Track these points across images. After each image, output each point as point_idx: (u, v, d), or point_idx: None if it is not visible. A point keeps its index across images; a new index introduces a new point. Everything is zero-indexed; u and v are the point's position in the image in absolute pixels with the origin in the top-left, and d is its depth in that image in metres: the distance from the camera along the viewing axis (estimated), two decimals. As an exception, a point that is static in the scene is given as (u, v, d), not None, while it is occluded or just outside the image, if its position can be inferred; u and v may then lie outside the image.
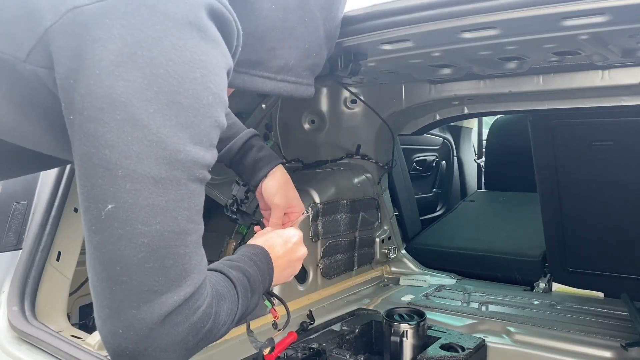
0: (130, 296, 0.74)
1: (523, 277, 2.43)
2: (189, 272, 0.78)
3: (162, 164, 0.73)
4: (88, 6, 0.71)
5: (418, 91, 2.24)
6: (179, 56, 0.72)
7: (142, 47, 0.70)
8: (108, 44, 0.70)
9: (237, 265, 1.00)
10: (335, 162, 2.53)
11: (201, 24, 0.75)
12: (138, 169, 0.72)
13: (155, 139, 0.72)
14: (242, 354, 1.62)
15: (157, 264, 0.74)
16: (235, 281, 0.94)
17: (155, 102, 0.71)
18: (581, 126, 2.02)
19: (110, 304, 0.75)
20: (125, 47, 0.70)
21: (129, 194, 0.72)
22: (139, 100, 0.70)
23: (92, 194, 0.73)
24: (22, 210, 1.64)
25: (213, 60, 0.77)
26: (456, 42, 1.30)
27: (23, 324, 1.50)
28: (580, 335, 1.79)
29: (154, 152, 0.72)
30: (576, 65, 1.65)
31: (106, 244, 0.74)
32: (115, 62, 0.70)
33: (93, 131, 0.71)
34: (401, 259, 2.67)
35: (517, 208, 3.00)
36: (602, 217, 2.08)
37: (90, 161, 0.72)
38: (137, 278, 0.74)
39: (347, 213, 2.36)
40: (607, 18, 1.08)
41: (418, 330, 1.65)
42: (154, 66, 0.71)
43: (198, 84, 0.74)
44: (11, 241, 1.61)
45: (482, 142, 4.08)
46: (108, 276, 0.74)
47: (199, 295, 0.80)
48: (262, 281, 1.05)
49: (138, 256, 0.73)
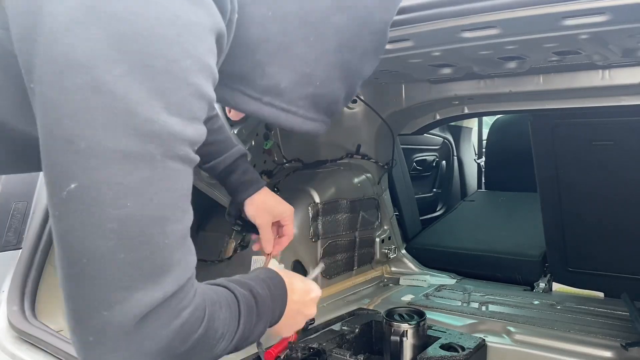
0: (100, 295, 0.64)
1: (523, 277, 2.43)
2: (169, 267, 0.67)
3: (132, 136, 0.61)
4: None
5: (418, 91, 2.24)
6: (147, 10, 0.61)
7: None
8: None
9: (245, 283, 0.89)
10: (335, 162, 2.53)
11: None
12: (103, 140, 0.61)
13: (122, 106, 0.61)
14: (242, 354, 1.62)
15: (130, 255, 0.63)
16: (240, 297, 0.83)
17: (121, 63, 0.60)
18: (581, 126, 2.02)
19: (78, 307, 0.65)
20: (85, 0, 0.60)
21: (93, 171, 0.61)
22: (103, 62, 0.60)
23: (53, 172, 0.63)
24: (22, 209, 1.64)
25: (193, 17, 0.65)
26: (456, 42, 1.30)
27: (23, 323, 1.50)
28: (581, 335, 1.79)
29: (122, 121, 0.61)
30: (576, 65, 1.65)
31: (70, 231, 0.63)
32: (74, 18, 0.60)
33: (53, 98, 0.61)
34: (401, 258, 2.67)
35: (517, 208, 3.00)
36: (602, 217, 2.08)
37: (50, 134, 0.62)
38: (108, 272, 0.63)
39: (347, 213, 2.36)
40: (608, 17, 1.08)
41: (418, 330, 1.65)
42: (117, 21, 0.60)
43: (173, 44, 0.63)
44: (11, 241, 1.61)
45: (482, 142, 4.08)
46: (74, 272, 0.64)
47: (183, 295, 0.69)
48: (273, 309, 0.93)
49: (107, 245, 0.62)
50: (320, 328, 1.84)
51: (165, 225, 0.66)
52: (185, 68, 0.64)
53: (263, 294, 0.90)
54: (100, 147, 0.61)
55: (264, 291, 0.91)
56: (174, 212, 0.67)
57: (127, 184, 0.62)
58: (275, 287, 0.96)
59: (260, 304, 0.88)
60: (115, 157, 0.61)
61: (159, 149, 0.64)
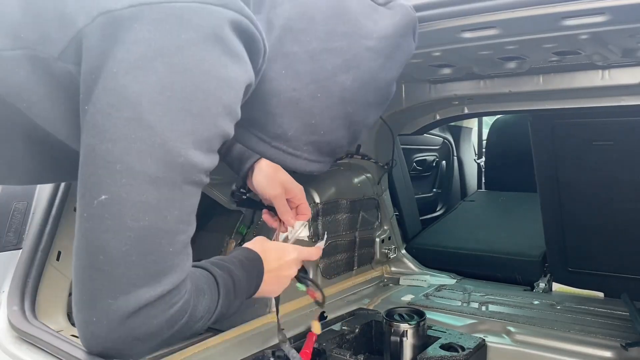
0: (109, 286, 0.77)
1: (523, 277, 2.43)
2: (170, 270, 0.81)
3: (160, 165, 0.75)
4: (119, 10, 0.74)
5: (418, 91, 2.24)
6: (197, 66, 0.75)
7: (164, 53, 0.74)
8: (132, 46, 0.73)
9: (226, 267, 1.02)
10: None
11: (225, 38, 0.77)
12: (136, 166, 0.74)
13: (158, 140, 0.74)
14: (242, 354, 1.62)
15: (139, 259, 0.77)
16: (220, 281, 0.97)
17: (165, 106, 0.74)
18: (581, 126, 2.02)
19: (89, 292, 0.78)
20: (148, 52, 0.73)
21: (123, 188, 0.74)
22: (149, 103, 0.73)
23: (89, 182, 0.76)
24: (22, 209, 1.64)
25: (232, 74, 0.79)
26: (456, 42, 1.31)
27: (23, 323, 1.49)
28: (580, 335, 1.79)
29: (155, 152, 0.74)
30: (576, 65, 1.65)
31: (94, 232, 0.76)
32: (135, 64, 0.73)
33: (101, 124, 0.74)
34: (401, 258, 2.67)
35: (517, 208, 3.00)
36: (602, 217, 2.08)
37: (93, 152, 0.75)
38: (119, 269, 0.76)
39: (347, 213, 2.36)
40: (607, 18, 1.08)
41: (418, 330, 1.65)
42: (171, 73, 0.74)
43: (211, 95, 0.77)
44: (11, 241, 1.61)
45: (482, 142, 4.08)
46: (90, 264, 0.77)
47: (176, 292, 0.82)
48: (248, 288, 1.07)
49: (122, 249, 0.76)
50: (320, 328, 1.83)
51: (173, 236, 0.80)
52: (216, 113, 0.78)
53: (240, 275, 1.03)
54: (132, 170, 0.74)
55: (241, 272, 1.04)
56: (182, 226, 0.81)
57: (148, 202, 0.76)
58: (253, 269, 1.09)
59: (237, 285, 1.02)
60: (142, 180, 0.75)
61: (180, 176, 0.77)
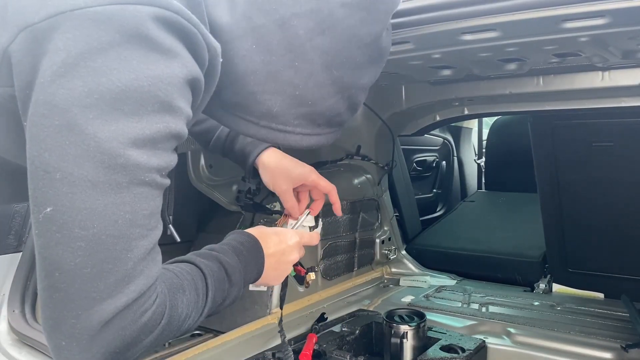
0: (69, 304, 0.74)
1: (523, 278, 2.43)
2: (132, 277, 0.77)
3: (99, 168, 0.73)
4: (38, 24, 0.74)
5: (418, 92, 2.24)
6: (123, 67, 0.73)
7: (86, 57, 0.72)
8: (54, 55, 0.72)
9: (214, 256, 0.99)
10: (335, 163, 2.52)
11: (150, 35, 0.75)
12: (75, 172, 0.72)
13: (92, 143, 0.72)
14: (242, 354, 1.62)
15: (95, 269, 0.74)
16: (206, 272, 0.94)
17: (95, 108, 0.72)
18: (581, 127, 2.02)
19: (52, 315, 0.75)
20: (69, 58, 0.72)
21: (65, 197, 0.72)
22: (78, 107, 0.72)
23: (34, 196, 0.75)
24: (23, 212, 1.64)
25: (165, 70, 0.76)
26: (456, 44, 1.31)
27: (23, 326, 1.50)
28: (581, 336, 1.79)
29: (91, 156, 0.73)
30: (576, 66, 1.65)
31: (47, 248, 0.74)
32: (58, 72, 0.72)
33: (36, 136, 0.73)
34: (401, 259, 2.67)
35: (517, 208, 3.00)
36: (602, 217, 2.08)
37: (33, 164, 0.74)
38: (75, 285, 0.74)
39: (347, 214, 2.36)
40: (607, 20, 1.08)
41: (418, 332, 1.65)
42: (96, 75, 0.72)
43: (144, 93, 0.74)
44: (12, 243, 1.61)
45: (482, 142, 4.08)
46: (49, 284, 0.75)
47: (145, 299, 0.79)
48: (246, 272, 1.03)
49: (75, 261, 0.73)
50: (320, 329, 1.84)
51: (129, 242, 0.76)
52: (152, 111, 0.76)
53: (233, 262, 1.00)
54: (71, 177, 0.72)
55: (233, 259, 1.01)
56: (138, 230, 0.77)
57: (94, 209, 0.73)
58: (248, 252, 1.06)
59: (231, 272, 0.99)
60: (84, 186, 0.73)
61: (124, 177, 0.75)
